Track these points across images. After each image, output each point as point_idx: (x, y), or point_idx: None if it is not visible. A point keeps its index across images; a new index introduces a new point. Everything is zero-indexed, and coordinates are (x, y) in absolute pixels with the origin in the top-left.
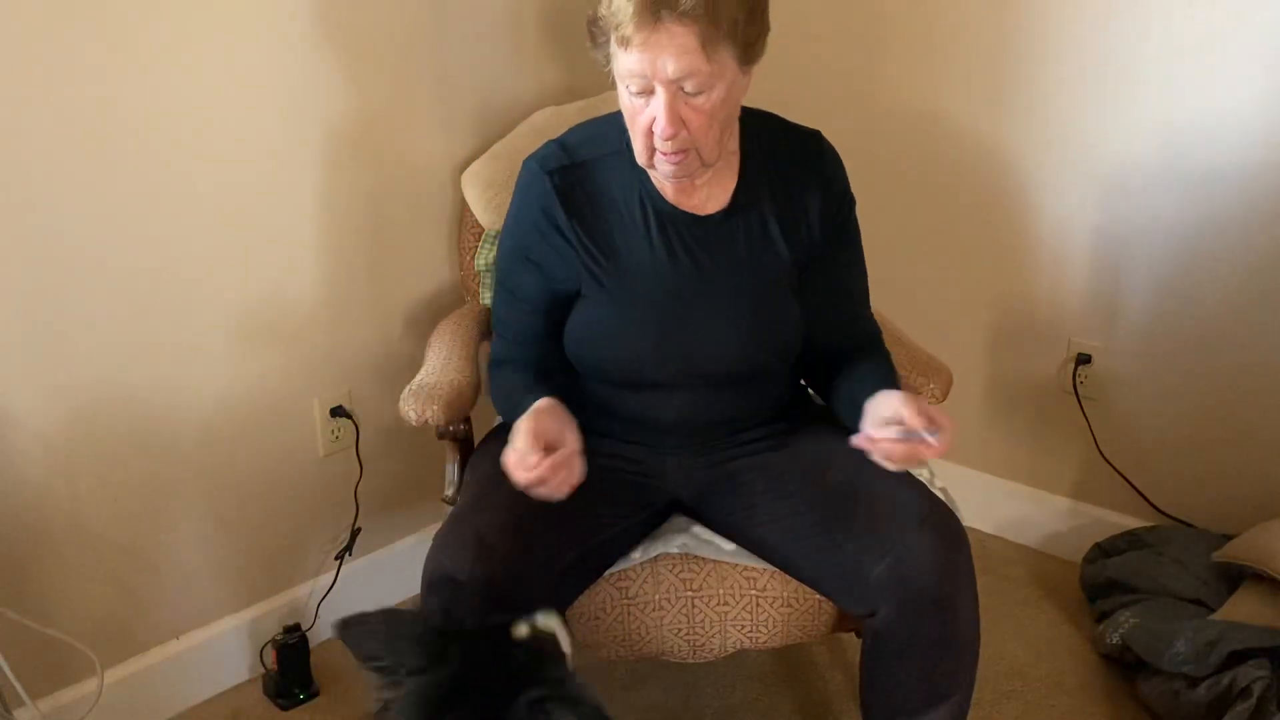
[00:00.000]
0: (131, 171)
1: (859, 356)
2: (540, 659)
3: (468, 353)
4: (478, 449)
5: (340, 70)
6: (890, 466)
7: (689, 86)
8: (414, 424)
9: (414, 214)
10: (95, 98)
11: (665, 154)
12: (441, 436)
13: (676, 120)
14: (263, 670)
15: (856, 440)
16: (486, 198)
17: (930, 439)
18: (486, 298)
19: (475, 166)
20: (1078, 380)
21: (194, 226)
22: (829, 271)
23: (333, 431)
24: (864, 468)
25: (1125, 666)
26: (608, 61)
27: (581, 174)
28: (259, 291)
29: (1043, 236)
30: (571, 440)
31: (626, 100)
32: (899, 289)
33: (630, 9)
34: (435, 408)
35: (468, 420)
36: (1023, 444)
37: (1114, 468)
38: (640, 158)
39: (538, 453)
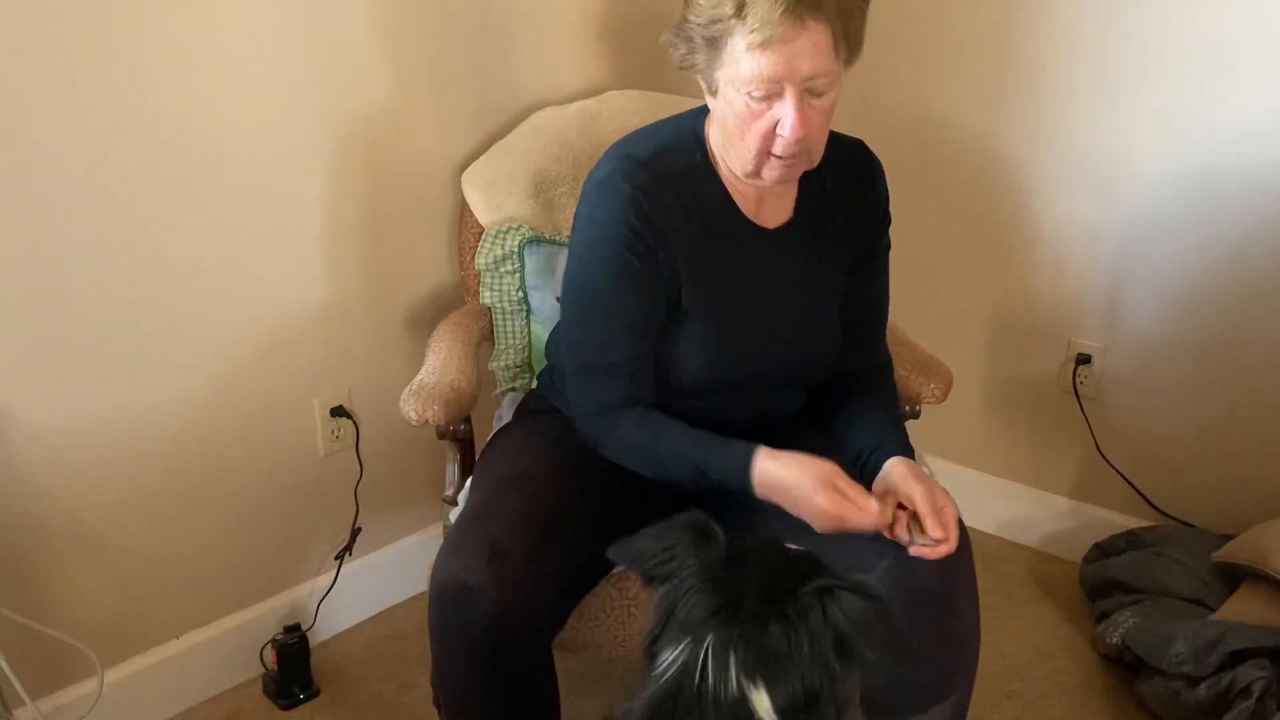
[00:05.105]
0: (131, 173)
1: (866, 387)
2: (814, 563)
3: (468, 352)
4: (485, 450)
5: (340, 70)
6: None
7: (818, 86)
8: (414, 424)
9: (414, 214)
10: (96, 103)
11: (782, 158)
12: (442, 436)
13: (806, 121)
14: (263, 670)
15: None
16: (487, 198)
17: (931, 543)
18: (487, 297)
19: (475, 166)
20: (1078, 380)
21: (194, 226)
22: (855, 284)
23: (333, 431)
24: None
25: (1125, 666)
26: (713, 68)
27: (666, 187)
28: (259, 292)
29: (1043, 236)
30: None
31: (741, 106)
32: (899, 288)
33: (778, 11)
34: (435, 407)
35: (468, 420)
36: (1023, 444)
37: (1114, 468)
38: (747, 165)
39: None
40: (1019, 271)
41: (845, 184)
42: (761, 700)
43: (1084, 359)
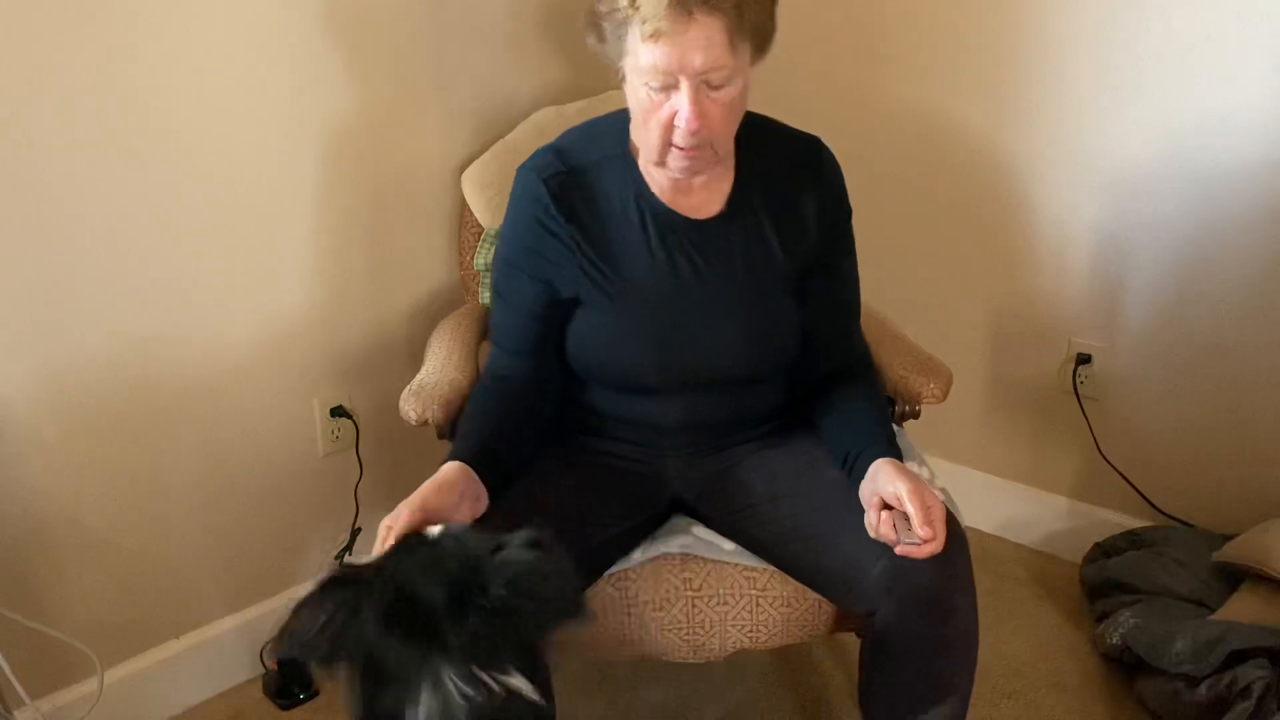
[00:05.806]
0: (132, 173)
1: (848, 384)
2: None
3: (468, 352)
4: None
5: (340, 70)
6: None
7: (714, 79)
8: (414, 424)
9: (414, 214)
10: (97, 103)
11: (683, 149)
12: (442, 436)
13: (701, 114)
14: (263, 670)
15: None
16: (486, 198)
17: (918, 541)
18: (486, 297)
19: (475, 166)
20: (1078, 380)
21: (194, 226)
22: (821, 283)
23: (333, 431)
24: None
25: (1125, 666)
26: (619, 57)
27: (578, 179)
28: (259, 292)
29: (1043, 236)
30: (458, 520)
31: (643, 95)
32: (899, 289)
33: (664, 3)
34: (435, 407)
35: None
36: (1023, 444)
37: (1114, 468)
38: (652, 155)
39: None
40: (1019, 271)
41: (792, 178)
42: (522, 682)
43: (1084, 359)
